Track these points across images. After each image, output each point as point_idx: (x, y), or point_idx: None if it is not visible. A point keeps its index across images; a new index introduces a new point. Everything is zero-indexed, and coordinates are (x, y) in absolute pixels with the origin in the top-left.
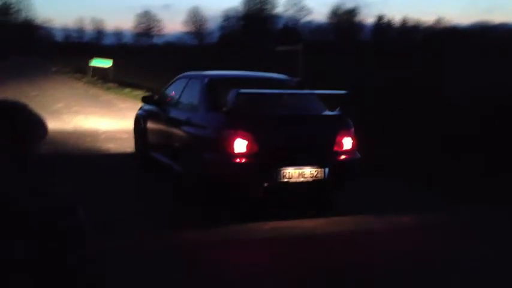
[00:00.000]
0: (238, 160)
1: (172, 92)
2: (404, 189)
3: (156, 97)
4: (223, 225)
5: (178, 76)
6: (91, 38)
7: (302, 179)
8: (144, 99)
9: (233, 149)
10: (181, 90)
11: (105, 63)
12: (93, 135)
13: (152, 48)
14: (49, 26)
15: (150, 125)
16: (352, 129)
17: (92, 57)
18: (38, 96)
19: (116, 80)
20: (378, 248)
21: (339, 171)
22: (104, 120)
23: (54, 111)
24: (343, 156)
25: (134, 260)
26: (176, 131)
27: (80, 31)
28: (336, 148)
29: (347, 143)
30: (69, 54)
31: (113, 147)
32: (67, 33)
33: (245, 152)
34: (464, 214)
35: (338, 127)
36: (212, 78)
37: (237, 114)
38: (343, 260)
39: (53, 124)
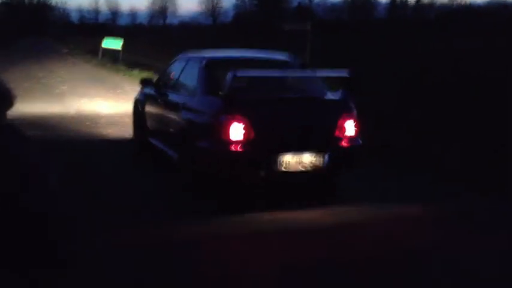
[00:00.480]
0: (233, 148)
1: (171, 73)
2: (414, 177)
3: (155, 80)
4: (220, 217)
5: (177, 57)
6: (106, 19)
7: (301, 167)
8: (143, 82)
9: (228, 135)
10: (180, 72)
11: (116, 43)
12: (94, 119)
13: (167, 28)
14: (64, 7)
15: (148, 109)
16: (355, 113)
17: (103, 38)
18: (45, 78)
19: (127, 61)
20: (382, 241)
21: (340, 158)
22: (108, 103)
23: (59, 94)
24: (344, 143)
25: (132, 255)
26: (173, 116)
27: (95, 12)
28: (337, 133)
29: (349, 128)
30: (83, 36)
31: (112, 132)
32: (82, 14)
33: (241, 139)
34: (474, 205)
35: (340, 111)
36: (210, 60)
37: (234, 98)
38: (346, 254)
39: (55, 107)
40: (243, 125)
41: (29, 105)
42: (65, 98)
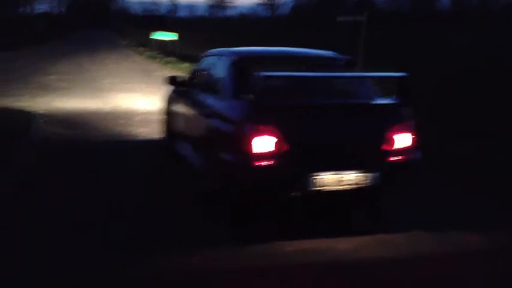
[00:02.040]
0: (261, 163)
1: (200, 71)
2: (476, 198)
3: (183, 78)
4: (239, 245)
5: (208, 52)
6: (167, 10)
7: (342, 187)
8: (170, 80)
9: (255, 148)
10: (209, 70)
11: (170, 36)
12: (129, 116)
13: (225, 20)
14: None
15: (176, 109)
16: (412, 122)
17: (159, 30)
18: (94, 71)
19: (180, 54)
20: (437, 282)
21: (393, 176)
22: (148, 99)
23: (100, 88)
24: (398, 157)
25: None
26: (198, 119)
27: (156, 4)
28: (388, 147)
29: (404, 139)
30: (142, 28)
31: (144, 132)
32: (144, 6)
33: (271, 153)
34: None
35: (393, 119)
36: (241, 56)
37: (262, 104)
38: None
39: (94, 103)
40: (273, 136)
41: (67, 100)
42: (106, 93)
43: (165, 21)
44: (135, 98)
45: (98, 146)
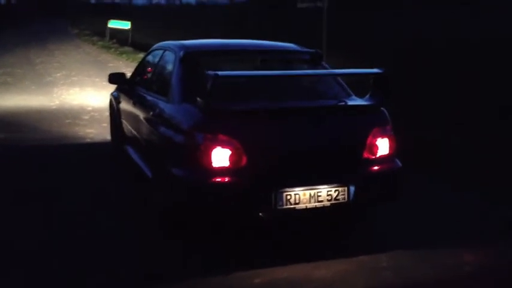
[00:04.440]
0: (218, 179)
1: (145, 68)
2: (469, 200)
3: (127, 75)
4: (195, 276)
5: (154, 47)
6: None
7: (315, 204)
8: (112, 78)
9: (210, 162)
10: (154, 68)
11: (124, 25)
12: (77, 115)
13: (183, 8)
14: None
15: (123, 111)
16: (390, 126)
17: (115, 18)
18: (41, 64)
19: (136, 44)
20: None
21: (371, 189)
22: (99, 94)
23: (49, 82)
24: (376, 167)
25: None
26: (145, 125)
27: None
28: (366, 155)
29: (382, 146)
30: (97, 16)
31: (93, 133)
32: None
33: (228, 167)
34: None
35: (370, 123)
36: (190, 51)
37: (215, 109)
38: None
39: (39, 100)
40: (230, 148)
41: (9, 97)
42: (54, 88)
43: (121, 9)
44: (85, 94)
45: (33, 152)
